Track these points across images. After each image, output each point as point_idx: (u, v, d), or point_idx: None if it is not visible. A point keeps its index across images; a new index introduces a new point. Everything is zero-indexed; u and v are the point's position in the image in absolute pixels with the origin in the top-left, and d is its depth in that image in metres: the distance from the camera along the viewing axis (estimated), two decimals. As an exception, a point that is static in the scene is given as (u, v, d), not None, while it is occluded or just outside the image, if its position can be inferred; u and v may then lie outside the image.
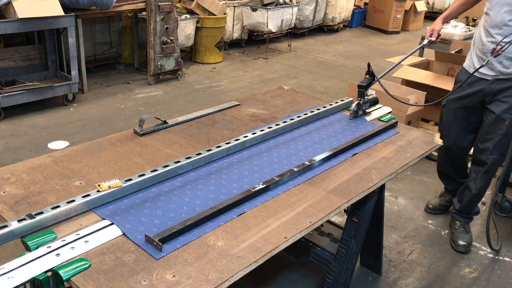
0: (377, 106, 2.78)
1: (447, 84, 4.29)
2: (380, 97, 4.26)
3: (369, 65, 2.53)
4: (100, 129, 4.74)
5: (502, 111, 2.85)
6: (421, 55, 5.25)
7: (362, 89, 2.55)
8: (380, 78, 2.63)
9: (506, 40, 2.57)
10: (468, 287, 2.85)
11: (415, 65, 4.83)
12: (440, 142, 2.38)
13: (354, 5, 10.21)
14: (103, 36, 6.27)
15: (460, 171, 3.36)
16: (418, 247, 3.19)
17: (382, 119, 2.60)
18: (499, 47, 2.55)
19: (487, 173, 3.03)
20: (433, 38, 3.11)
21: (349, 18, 10.17)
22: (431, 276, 2.92)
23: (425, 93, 4.35)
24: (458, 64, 4.51)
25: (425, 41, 3.11)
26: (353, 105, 2.56)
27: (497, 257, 3.13)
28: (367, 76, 2.56)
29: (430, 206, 3.57)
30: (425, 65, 4.97)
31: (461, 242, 3.15)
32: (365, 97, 2.60)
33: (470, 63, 2.97)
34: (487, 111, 2.94)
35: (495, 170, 3.04)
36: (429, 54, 5.34)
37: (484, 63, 2.69)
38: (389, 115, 2.66)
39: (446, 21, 3.18)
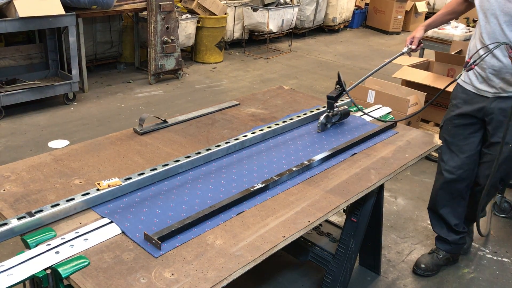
0: (377, 106, 2.79)
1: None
2: (380, 98, 4.28)
3: (339, 75, 2.38)
4: (100, 128, 4.75)
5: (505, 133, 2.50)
6: (421, 55, 5.26)
7: (331, 101, 2.38)
8: (351, 89, 2.45)
9: (492, 46, 2.37)
10: (466, 287, 2.85)
11: (415, 66, 4.84)
12: (439, 142, 2.38)
13: (355, 6, 10.22)
14: (104, 36, 6.28)
15: (460, 212, 2.86)
16: (417, 247, 3.19)
17: (381, 119, 2.60)
18: (472, 60, 2.31)
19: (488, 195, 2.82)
20: (413, 46, 2.81)
21: (350, 19, 10.17)
22: (430, 276, 2.92)
23: (425, 93, 4.36)
24: (458, 65, 4.51)
25: (405, 49, 2.81)
26: (322, 117, 2.39)
27: (496, 258, 3.14)
28: (337, 86, 2.39)
29: (423, 266, 2.92)
30: (425, 66, 4.97)
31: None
32: (335, 109, 2.43)
33: (466, 77, 2.65)
34: (488, 132, 2.64)
35: (494, 192, 2.82)
36: (429, 54, 5.35)
37: (457, 78, 2.44)
38: (389, 115, 2.66)
39: (428, 29, 2.89)
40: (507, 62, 2.40)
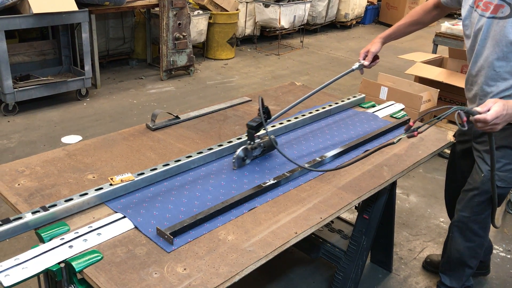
0: (389, 102, 2.77)
1: (461, 82, 4.24)
2: (393, 94, 4.25)
3: (261, 101, 1.94)
4: (113, 124, 4.77)
5: (481, 161, 2.24)
6: (434, 52, 5.21)
7: (251, 130, 1.95)
8: (274, 119, 2.05)
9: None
10: (479, 286, 2.83)
11: (428, 62, 4.79)
12: (452, 139, 2.36)
13: (367, 2, 10.15)
14: (116, 32, 6.31)
15: None
16: (429, 244, 3.17)
17: (394, 115, 2.58)
18: (416, 126, 1.84)
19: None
20: (366, 62, 2.35)
21: (362, 15, 10.11)
22: (442, 274, 2.90)
23: (438, 90, 4.32)
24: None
25: (356, 65, 2.34)
26: (239, 151, 1.94)
27: (509, 256, 3.10)
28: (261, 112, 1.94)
29: (428, 260, 2.91)
30: (438, 62, 4.92)
31: None
32: (257, 140, 2.00)
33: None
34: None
35: (465, 229, 2.35)
36: (443, 51, 5.29)
37: (395, 141, 1.87)
38: (402, 112, 2.64)
39: (387, 41, 2.44)
40: (491, 90, 2.11)
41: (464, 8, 2.16)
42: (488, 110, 1.75)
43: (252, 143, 1.98)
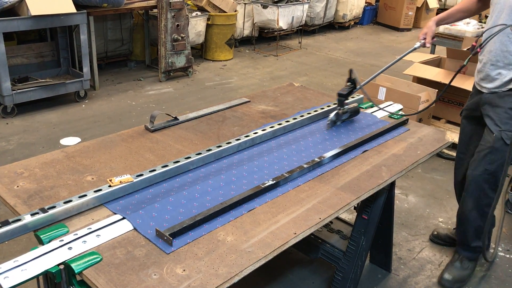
0: (388, 103, 2.77)
1: (459, 82, 4.25)
2: (391, 94, 4.25)
3: (351, 72, 2.39)
4: (111, 125, 4.77)
5: (491, 123, 2.52)
6: (432, 52, 5.22)
7: (342, 98, 2.40)
8: (363, 85, 2.45)
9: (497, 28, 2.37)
10: (478, 285, 2.83)
11: (426, 62, 4.80)
12: (451, 139, 2.36)
13: (365, 2, 10.17)
14: (115, 33, 6.31)
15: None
16: (428, 244, 3.17)
17: (393, 116, 2.59)
18: (477, 44, 2.35)
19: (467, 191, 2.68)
20: (428, 44, 2.74)
21: (360, 15, 10.12)
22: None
23: (437, 90, 4.32)
24: (471, 62, 4.46)
25: (417, 44, 2.70)
26: (331, 115, 2.41)
27: (508, 256, 3.11)
28: (349, 83, 2.42)
29: (435, 233, 3.19)
30: (436, 62, 4.93)
31: (446, 276, 2.80)
32: (345, 107, 2.45)
33: (475, 73, 2.72)
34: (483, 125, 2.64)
35: (478, 191, 2.61)
36: (441, 51, 5.30)
37: (465, 63, 2.46)
38: (400, 112, 2.65)
39: (440, 23, 2.83)
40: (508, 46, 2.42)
41: None
42: None
43: (342, 108, 2.41)
